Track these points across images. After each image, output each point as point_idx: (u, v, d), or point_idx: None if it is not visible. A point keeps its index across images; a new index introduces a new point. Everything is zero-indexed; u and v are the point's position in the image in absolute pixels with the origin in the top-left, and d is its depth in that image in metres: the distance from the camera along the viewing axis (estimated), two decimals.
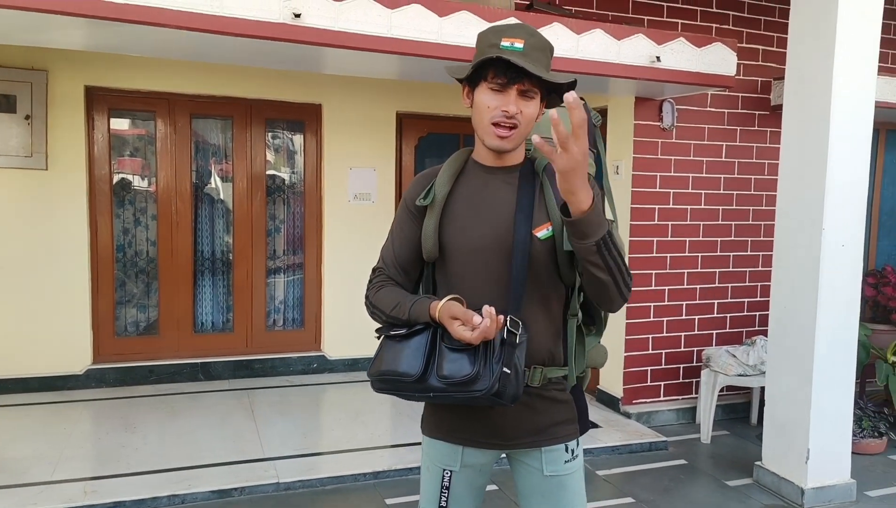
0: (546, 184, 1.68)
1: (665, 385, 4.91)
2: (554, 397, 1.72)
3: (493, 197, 1.68)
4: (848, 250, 3.55)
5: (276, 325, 5.65)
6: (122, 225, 5.19)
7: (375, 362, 1.63)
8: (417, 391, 1.57)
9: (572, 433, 1.75)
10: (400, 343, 1.60)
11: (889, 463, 4.22)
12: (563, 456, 1.73)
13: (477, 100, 1.63)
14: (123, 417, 4.44)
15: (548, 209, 1.66)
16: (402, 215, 1.77)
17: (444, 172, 1.72)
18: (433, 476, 1.79)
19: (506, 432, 1.70)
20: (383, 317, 1.69)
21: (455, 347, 1.53)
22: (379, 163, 5.61)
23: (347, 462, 3.86)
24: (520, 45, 1.56)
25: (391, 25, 3.26)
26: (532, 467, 1.74)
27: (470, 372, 1.50)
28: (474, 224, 1.67)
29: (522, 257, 1.61)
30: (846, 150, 3.48)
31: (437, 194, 1.69)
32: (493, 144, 1.63)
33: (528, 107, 1.60)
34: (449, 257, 1.69)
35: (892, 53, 5.32)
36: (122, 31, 3.06)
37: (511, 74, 1.56)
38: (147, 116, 5.18)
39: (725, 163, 4.91)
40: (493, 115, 1.60)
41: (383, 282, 1.76)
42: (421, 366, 1.54)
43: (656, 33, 3.91)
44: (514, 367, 1.52)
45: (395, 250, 1.77)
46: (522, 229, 1.61)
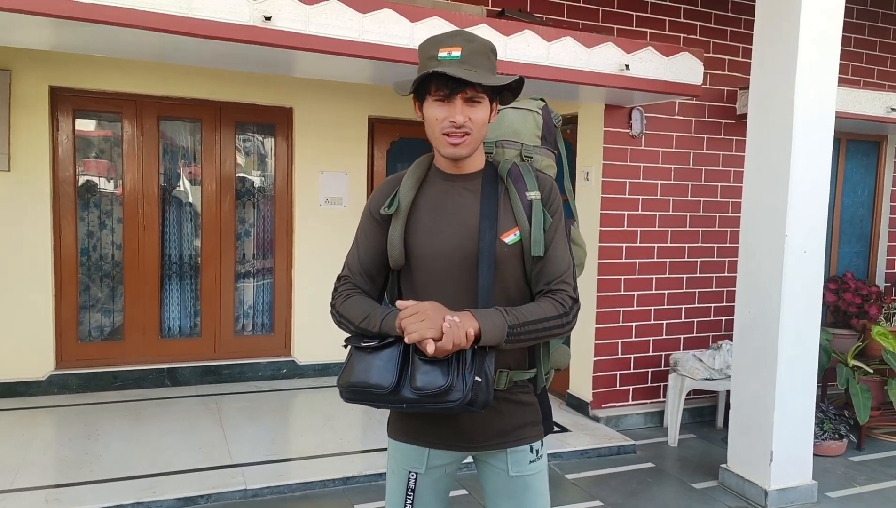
0: (511, 188, 1.68)
1: (634, 389, 4.97)
2: (520, 399, 1.74)
3: (456, 205, 1.68)
4: (810, 256, 3.63)
5: (244, 330, 5.59)
6: (87, 228, 5.09)
7: (345, 372, 1.60)
8: (390, 403, 1.56)
9: (537, 434, 1.77)
10: (371, 355, 1.58)
11: (849, 465, 4.32)
12: (528, 457, 1.76)
13: (426, 113, 1.65)
14: (87, 424, 4.35)
15: (514, 214, 1.66)
16: (366, 222, 1.77)
17: (408, 180, 1.72)
18: (398, 478, 1.79)
19: (472, 434, 1.72)
20: (352, 327, 1.67)
21: (428, 359, 1.52)
22: (350, 167, 5.60)
23: (317, 467, 3.84)
24: (457, 52, 1.58)
25: (363, 30, 3.26)
26: (497, 468, 1.76)
27: (444, 384, 1.49)
28: (439, 232, 1.67)
29: (489, 265, 1.62)
30: (808, 158, 3.57)
31: (402, 201, 1.69)
32: (448, 153, 1.64)
33: (476, 112, 1.61)
34: (415, 264, 1.69)
35: (851, 65, 5.47)
36: (89, 31, 3.01)
37: (452, 84, 1.57)
38: (113, 117, 5.09)
39: (693, 170, 4.99)
40: (442, 126, 1.62)
41: (350, 291, 1.74)
42: (394, 378, 1.53)
43: (626, 42, 3.96)
44: (485, 374, 1.53)
45: (360, 258, 1.76)
46: (487, 236, 1.63)
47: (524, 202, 1.66)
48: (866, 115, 4.89)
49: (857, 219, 5.93)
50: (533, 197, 1.67)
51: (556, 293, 1.65)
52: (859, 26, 5.51)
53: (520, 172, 1.70)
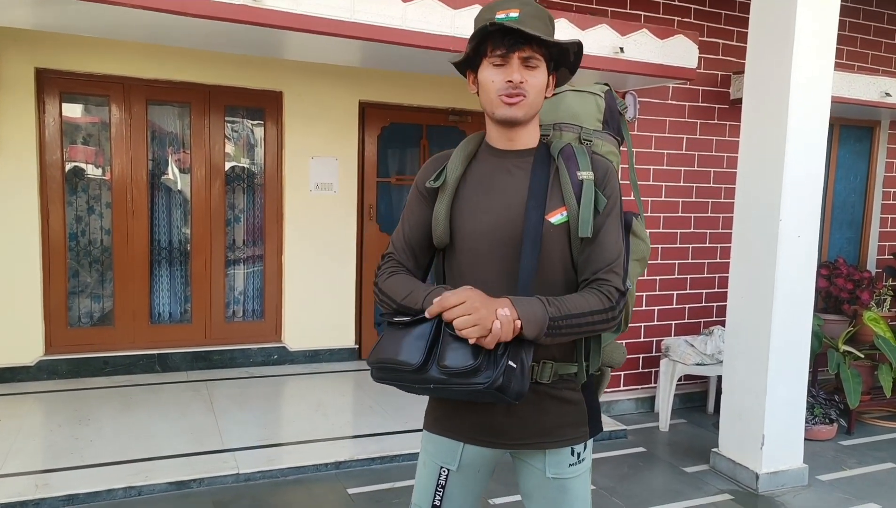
0: (562, 168, 1.59)
1: (625, 375, 4.98)
2: (564, 396, 1.63)
3: (504, 181, 1.61)
4: (803, 241, 3.63)
5: (235, 316, 5.55)
6: (76, 213, 5.03)
7: (376, 349, 1.55)
8: (417, 382, 1.48)
9: (580, 436, 1.67)
10: (402, 331, 1.52)
11: (839, 449, 4.35)
12: (568, 459, 1.66)
13: (481, 79, 1.58)
14: (77, 409, 4.31)
15: (563, 194, 1.58)
16: (413, 197, 1.70)
17: (457, 155, 1.66)
18: (429, 472, 1.72)
19: (511, 431, 1.63)
20: (394, 305, 1.60)
21: (459, 336, 1.43)
22: (341, 152, 5.55)
23: (309, 452, 3.82)
24: (515, 14, 1.51)
25: (354, 10, 3.21)
26: (534, 467, 1.67)
27: (472, 363, 1.41)
28: (485, 209, 1.60)
29: (533, 245, 1.53)
30: (803, 144, 3.56)
31: (449, 176, 1.62)
32: (504, 114, 1.56)
33: (533, 76, 1.54)
34: (459, 242, 1.63)
35: (847, 50, 5.46)
36: (74, 8, 2.95)
37: (509, 41, 1.51)
38: (101, 100, 5.01)
39: (686, 156, 4.98)
40: (498, 87, 1.54)
41: (394, 269, 1.67)
42: (422, 355, 1.45)
43: (620, 24, 3.93)
44: (521, 361, 1.44)
45: (405, 234, 1.69)
46: (534, 216, 1.55)
47: (574, 182, 1.57)
48: (861, 99, 4.89)
49: (850, 205, 5.95)
50: (584, 176, 1.57)
51: (602, 285, 1.54)
52: (854, 10, 5.49)
53: (573, 152, 1.61)
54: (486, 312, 1.40)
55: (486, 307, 1.41)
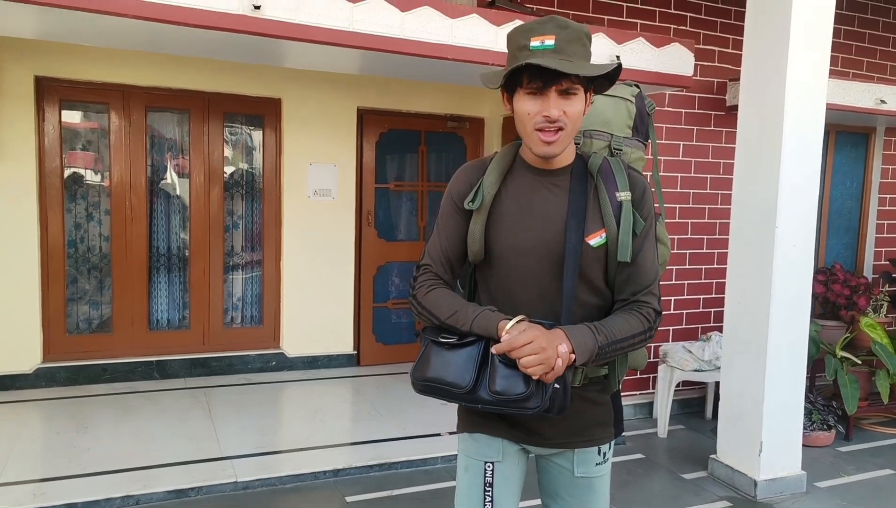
0: (601, 187, 1.59)
1: (623, 381, 4.97)
2: (593, 398, 1.69)
3: (543, 200, 1.60)
4: (800, 247, 3.65)
5: (233, 322, 5.56)
6: (74, 220, 5.04)
7: (421, 365, 1.57)
8: (465, 402, 1.55)
9: (607, 436, 1.72)
10: (450, 352, 1.55)
11: (837, 455, 4.36)
12: (595, 458, 1.71)
13: (517, 108, 1.54)
14: (75, 417, 4.31)
15: (602, 215, 1.58)
16: (448, 209, 1.68)
17: (492, 171, 1.63)
18: (473, 473, 1.71)
19: (544, 431, 1.67)
20: (436, 322, 1.61)
21: (509, 362, 1.48)
22: (340, 159, 5.56)
23: (307, 459, 3.82)
24: (551, 41, 1.47)
25: (353, 19, 3.23)
26: (563, 467, 1.72)
27: (524, 391, 1.47)
28: (522, 228, 1.59)
29: (573, 267, 1.54)
30: (799, 150, 3.58)
31: (485, 195, 1.61)
32: (541, 152, 1.55)
33: (571, 106, 1.51)
34: (495, 260, 1.63)
35: (842, 57, 5.49)
36: (76, 19, 2.97)
37: (546, 76, 1.47)
38: (100, 108, 5.03)
39: (683, 162, 5.00)
40: (535, 121, 1.51)
41: (433, 282, 1.66)
42: (472, 379, 1.50)
43: (616, 33, 3.95)
44: (564, 381, 1.49)
45: (442, 247, 1.68)
46: (574, 237, 1.55)
47: (613, 203, 1.57)
48: (856, 106, 4.91)
49: (846, 211, 5.96)
50: (623, 198, 1.57)
51: (642, 307, 1.59)
52: (848, 18, 5.52)
53: (611, 170, 1.60)
54: (552, 351, 1.45)
55: (551, 346, 1.45)
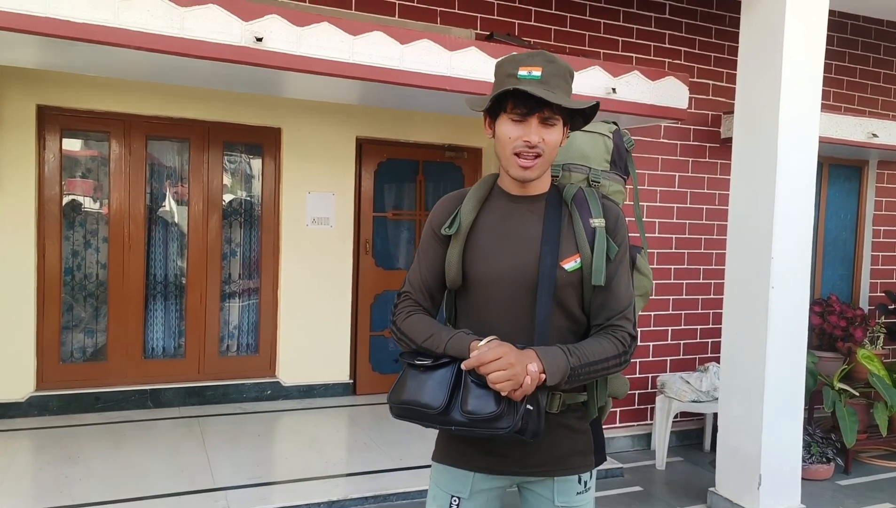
0: (575, 215, 1.65)
1: (621, 412, 4.96)
2: (572, 426, 1.69)
3: (518, 227, 1.65)
4: (796, 279, 3.66)
5: (229, 351, 5.53)
6: (72, 247, 5.04)
7: (397, 389, 1.60)
8: (439, 424, 1.56)
9: (587, 464, 1.72)
10: (424, 374, 1.57)
11: (837, 489, 4.32)
12: (576, 488, 1.71)
13: (498, 131, 1.62)
14: (67, 446, 4.26)
15: (576, 240, 1.63)
16: (427, 239, 1.74)
17: (470, 200, 1.70)
18: (439, 504, 1.74)
19: (521, 460, 1.67)
20: (413, 346, 1.65)
21: (481, 383, 1.50)
22: (338, 187, 5.59)
23: (301, 491, 3.78)
24: (538, 73, 1.56)
25: (353, 52, 3.28)
26: (543, 496, 1.71)
27: (495, 410, 1.48)
28: (498, 254, 1.64)
29: (548, 292, 1.59)
30: (793, 182, 3.62)
31: (462, 222, 1.66)
32: (518, 175, 1.61)
33: (550, 134, 1.59)
34: (472, 286, 1.67)
35: (833, 91, 5.57)
36: (79, 50, 3.01)
37: (531, 103, 1.55)
38: (101, 136, 5.06)
39: (678, 193, 5.04)
40: (515, 145, 1.59)
41: (412, 308, 1.71)
42: (445, 399, 1.52)
43: (612, 66, 4.02)
44: (537, 403, 1.51)
45: (421, 275, 1.73)
46: (548, 262, 1.59)
47: (587, 229, 1.62)
48: (848, 140, 4.97)
49: (841, 242, 6.00)
50: (597, 224, 1.63)
51: (616, 331, 1.62)
52: (840, 54, 5.62)
53: (585, 198, 1.67)
54: (520, 368, 1.47)
55: (520, 363, 1.47)
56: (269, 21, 3.08)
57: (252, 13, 3.05)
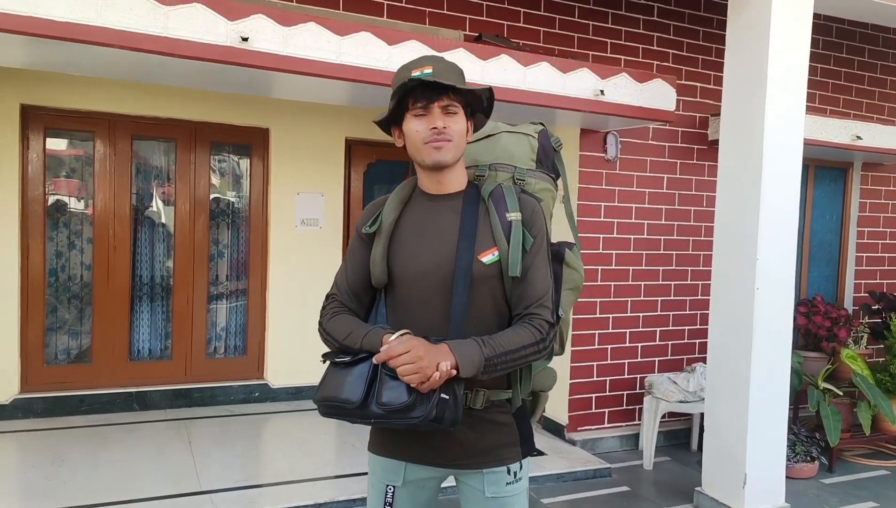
0: (492, 209, 1.70)
1: (609, 412, 4.97)
2: (496, 419, 1.74)
3: (437, 224, 1.72)
4: (781, 279, 3.69)
5: (217, 352, 5.50)
6: (56, 248, 4.99)
7: (320, 387, 1.65)
8: (359, 417, 1.60)
9: (514, 456, 1.77)
10: (343, 370, 1.62)
11: (821, 487, 4.36)
12: (505, 478, 1.75)
13: (406, 130, 1.69)
14: (51, 449, 4.22)
15: (493, 234, 1.68)
16: (353, 242, 1.81)
17: (392, 201, 1.77)
18: (377, 492, 1.81)
19: (448, 452, 1.73)
20: (336, 344, 1.70)
21: (394, 375, 1.55)
22: (327, 189, 5.58)
23: (289, 493, 3.76)
24: (429, 70, 1.64)
25: (340, 52, 3.27)
26: (475, 488, 1.76)
27: (407, 400, 1.53)
28: (419, 251, 1.70)
29: (464, 284, 1.64)
30: (778, 184, 3.64)
31: (384, 221, 1.73)
32: (431, 159, 1.67)
33: (454, 122, 1.66)
34: (396, 283, 1.73)
35: (819, 94, 5.62)
36: (64, 49, 2.98)
37: (428, 93, 1.63)
38: (85, 136, 5.02)
39: (666, 194, 5.06)
40: (423, 136, 1.66)
41: (337, 309, 1.77)
42: (362, 393, 1.57)
43: (600, 68, 4.03)
44: (453, 392, 1.55)
45: (347, 277, 1.80)
46: (465, 256, 1.66)
47: (504, 223, 1.68)
48: (833, 142, 5.01)
49: (826, 243, 6.05)
50: (513, 218, 1.68)
51: (533, 318, 1.67)
52: (825, 57, 5.66)
53: (502, 193, 1.72)
54: (428, 361, 1.51)
55: (429, 357, 1.52)
56: (255, 21, 3.06)
57: (237, 13, 3.04)
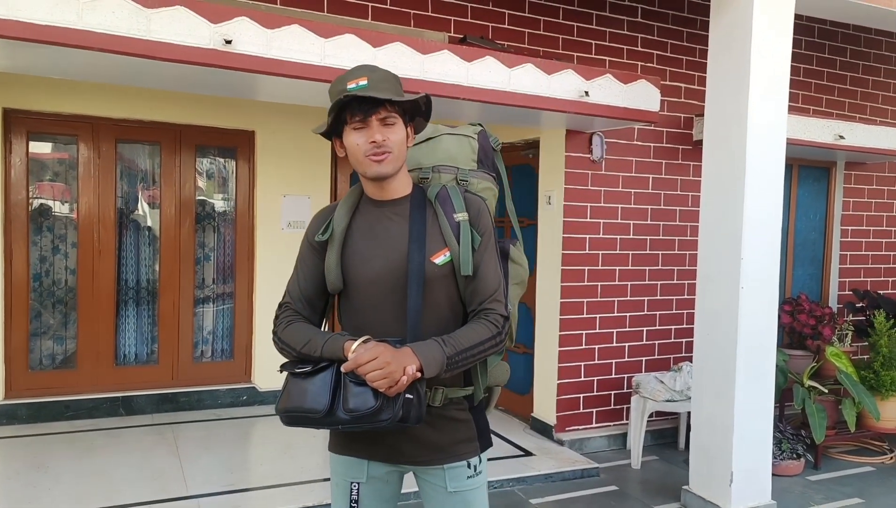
0: (439, 211, 1.74)
1: (597, 412, 4.99)
2: (453, 416, 1.77)
3: (386, 229, 1.75)
4: (765, 278, 3.71)
5: (203, 356, 5.47)
6: (40, 253, 4.95)
7: (283, 398, 1.66)
8: (326, 425, 1.62)
9: (473, 450, 1.80)
10: (306, 380, 1.64)
11: (807, 484, 4.39)
12: (466, 472, 1.79)
13: (347, 143, 1.72)
14: (35, 455, 4.18)
15: (443, 236, 1.72)
16: (304, 250, 1.84)
17: (341, 208, 1.79)
18: (342, 490, 1.83)
19: (408, 450, 1.76)
20: (294, 353, 1.71)
21: (359, 381, 1.57)
22: (313, 190, 5.56)
23: (276, 497, 3.75)
24: (364, 82, 1.65)
25: (324, 54, 3.26)
26: (436, 485, 1.79)
27: (374, 405, 1.55)
28: (372, 256, 1.73)
29: (418, 286, 1.67)
30: (762, 183, 3.67)
31: (335, 228, 1.76)
32: (373, 172, 1.70)
33: (393, 133, 1.68)
34: (351, 288, 1.75)
35: (801, 94, 5.67)
36: (45, 53, 2.95)
37: (364, 107, 1.65)
38: (69, 140, 4.98)
39: (652, 194, 5.09)
40: (364, 149, 1.68)
41: (291, 317, 1.78)
42: (327, 402, 1.59)
43: (585, 69, 4.04)
44: (417, 392, 1.59)
45: (300, 285, 1.81)
46: (416, 258, 1.68)
47: (452, 223, 1.72)
48: (816, 141, 5.05)
49: (810, 242, 6.10)
50: (460, 218, 1.72)
51: (488, 314, 1.71)
52: (807, 57, 5.71)
53: (448, 195, 1.76)
54: (396, 366, 1.55)
55: (396, 362, 1.55)
56: (238, 23, 3.05)
57: (220, 15, 3.02)
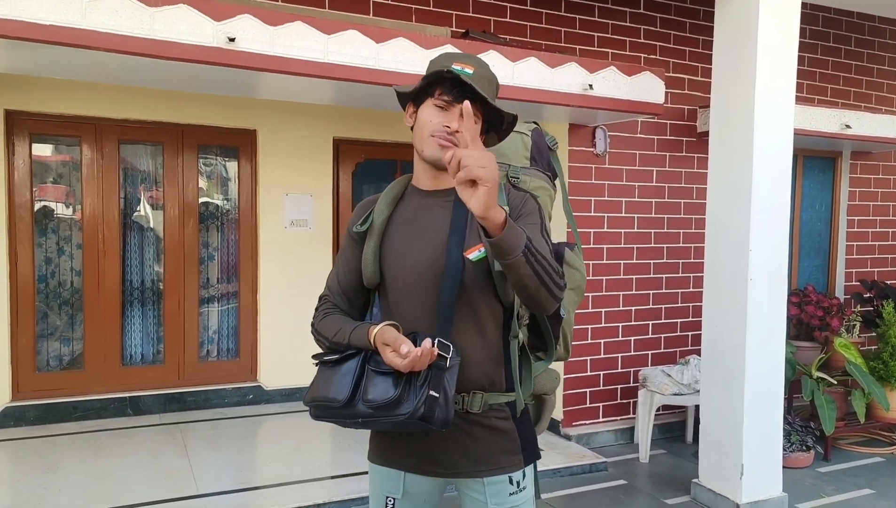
0: None
1: (604, 406, 4.98)
2: (494, 425, 1.66)
3: (428, 221, 1.67)
4: (773, 270, 3.70)
5: (209, 356, 5.46)
6: (45, 254, 4.94)
7: (310, 388, 1.63)
8: (347, 417, 1.56)
9: (515, 463, 1.68)
10: (331, 369, 1.60)
11: (817, 476, 4.38)
12: (508, 488, 1.67)
13: (420, 116, 1.64)
14: (44, 456, 4.18)
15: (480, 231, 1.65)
16: (345, 242, 1.78)
17: (383, 199, 1.73)
18: (377, 503, 1.76)
19: (445, 460, 1.66)
20: (326, 343, 1.68)
21: (381, 370, 1.53)
22: (316, 189, 5.55)
23: (285, 495, 3.74)
24: (470, 70, 1.58)
25: (328, 51, 3.25)
26: (477, 499, 1.69)
27: (393, 395, 1.49)
28: (411, 249, 1.66)
29: (453, 281, 1.59)
30: (769, 174, 3.65)
31: (375, 219, 1.69)
32: (430, 153, 1.62)
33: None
34: (388, 282, 1.69)
35: (806, 84, 5.64)
36: (48, 53, 2.95)
37: (457, 92, 1.57)
38: (72, 141, 4.97)
39: (656, 187, 5.07)
40: (433, 128, 1.60)
41: (328, 310, 1.75)
42: (348, 391, 1.53)
43: (588, 62, 4.02)
44: (444, 391, 1.50)
45: (339, 278, 1.77)
46: (455, 252, 1.60)
47: None
48: (822, 131, 5.03)
49: (816, 233, 6.08)
50: None
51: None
52: (812, 46, 5.68)
53: None
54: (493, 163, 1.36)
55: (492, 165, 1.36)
56: (242, 21, 3.04)
57: (224, 13, 3.01)
